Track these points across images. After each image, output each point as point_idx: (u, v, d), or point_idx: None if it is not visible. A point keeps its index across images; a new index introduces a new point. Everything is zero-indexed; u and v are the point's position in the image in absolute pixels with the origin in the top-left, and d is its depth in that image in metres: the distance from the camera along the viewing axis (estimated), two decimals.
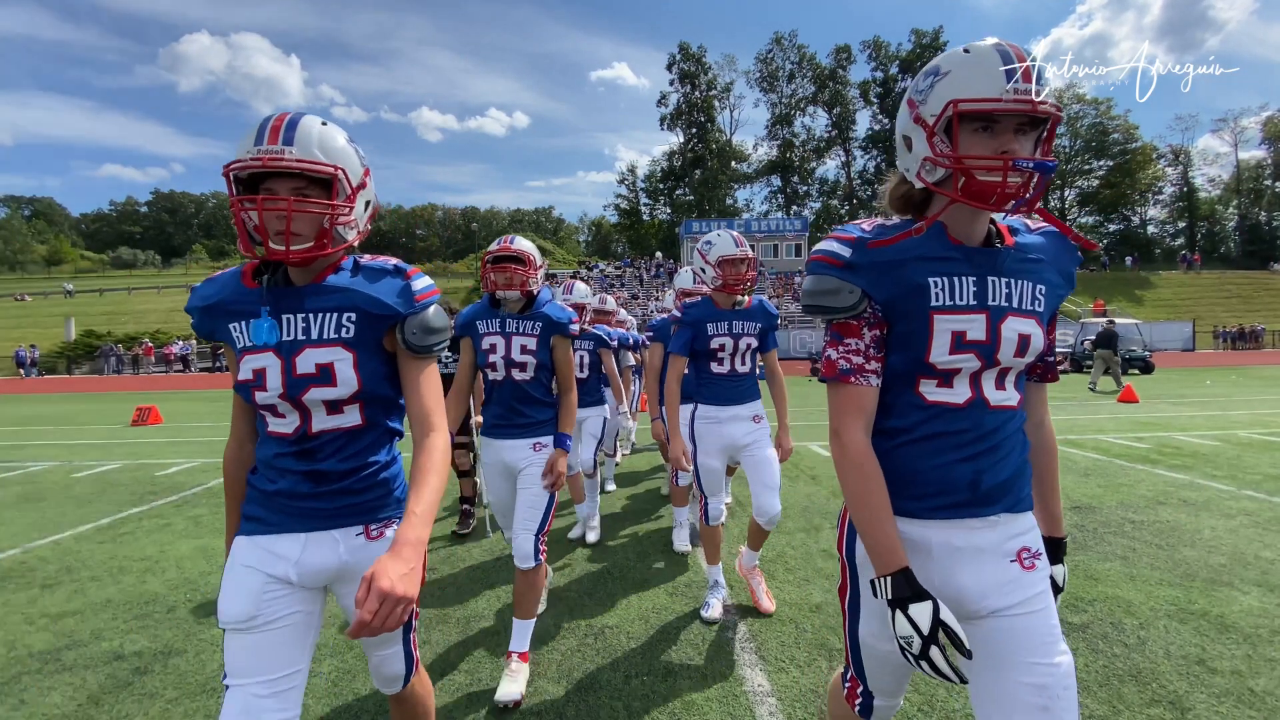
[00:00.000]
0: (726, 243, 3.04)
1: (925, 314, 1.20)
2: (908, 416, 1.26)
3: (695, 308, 3.15)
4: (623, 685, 2.62)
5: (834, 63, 63.40)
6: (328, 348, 1.38)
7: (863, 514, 1.20)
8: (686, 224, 46.40)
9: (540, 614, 3.30)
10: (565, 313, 2.80)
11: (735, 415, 3.15)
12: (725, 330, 3.10)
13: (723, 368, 3.15)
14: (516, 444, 2.78)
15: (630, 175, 70.85)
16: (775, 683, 2.61)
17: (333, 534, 1.47)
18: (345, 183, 1.35)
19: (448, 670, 2.77)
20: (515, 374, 2.75)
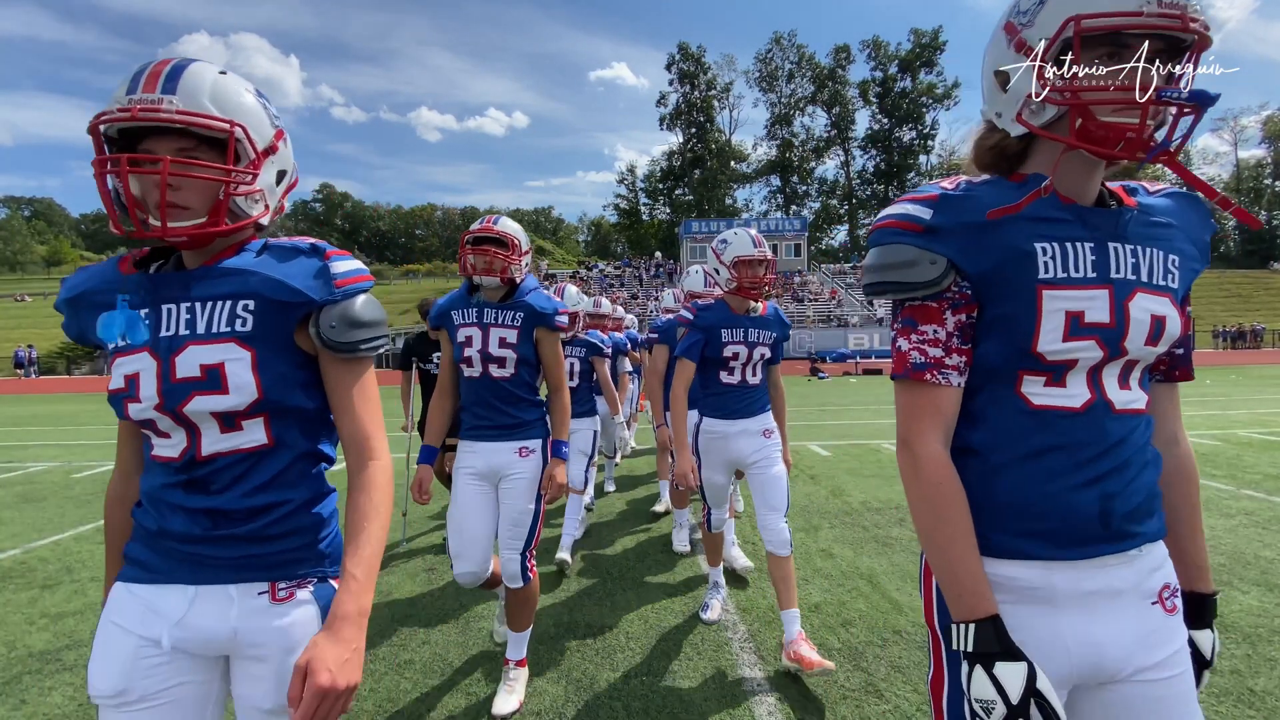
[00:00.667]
0: (744, 242, 2.82)
1: (1031, 289, 0.94)
2: (1007, 426, 0.99)
3: (709, 311, 2.89)
4: (622, 685, 2.62)
5: (833, 62, 63.45)
6: (216, 344, 1.09)
7: (940, 545, 0.96)
8: (686, 224, 46.43)
9: (539, 611, 3.31)
10: (551, 302, 2.53)
11: (744, 430, 2.91)
12: (740, 338, 2.86)
13: (733, 378, 2.91)
14: (499, 447, 2.50)
15: (630, 175, 70.97)
16: (774, 683, 2.61)
17: (228, 590, 1.13)
18: (247, 143, 1.09)
19: (446, 670, 2.77)
20: (493, 370, 2.47)
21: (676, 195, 67.02)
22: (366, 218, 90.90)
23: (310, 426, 1.21)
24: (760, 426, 2.93)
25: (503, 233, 2.46)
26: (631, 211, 70.74)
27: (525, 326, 2.48)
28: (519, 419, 2.53)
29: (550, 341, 2.54)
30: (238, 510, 1.12)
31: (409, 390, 4.58)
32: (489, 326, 2.46)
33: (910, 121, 62.38)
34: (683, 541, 4.31)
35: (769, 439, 2.92)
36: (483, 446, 2.51)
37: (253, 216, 1.12)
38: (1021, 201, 0.94)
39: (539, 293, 2.55)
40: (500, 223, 2.50)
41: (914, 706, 2.40)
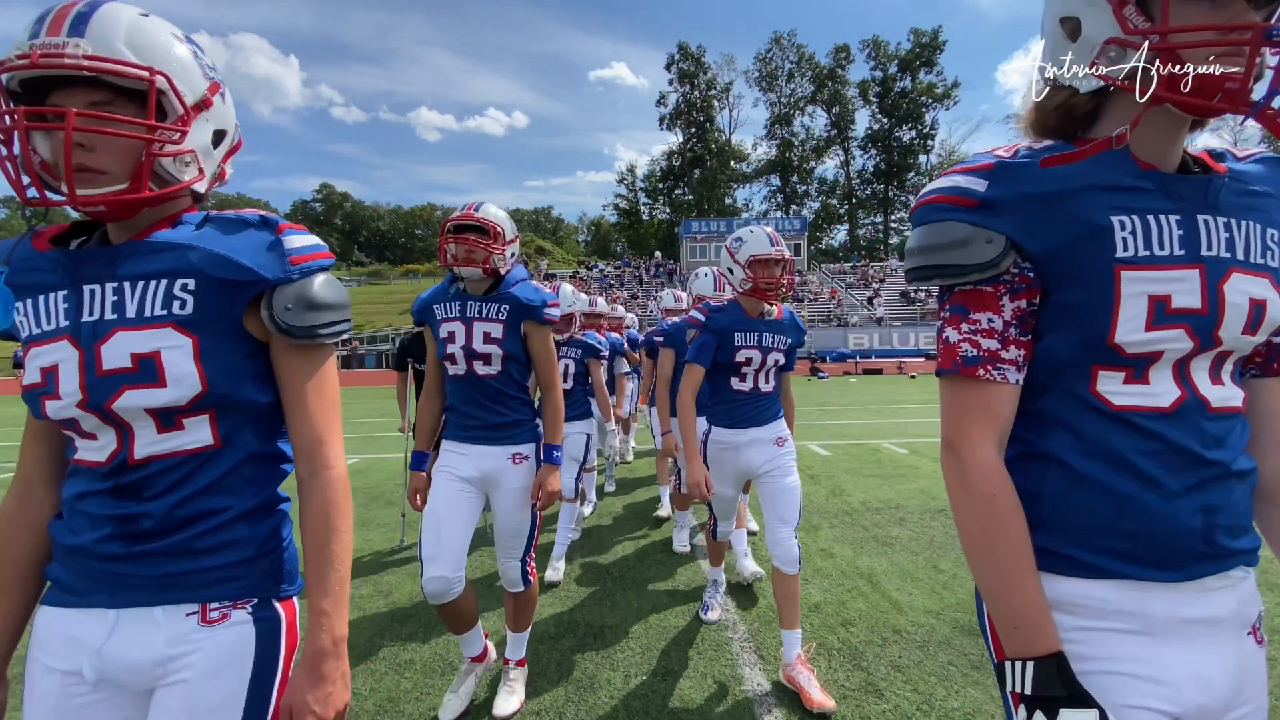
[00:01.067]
0: (760, 240, 2.66)
1: (1107, 270, 0.81)
2: (1086, 430, 0.85)
3: (722, 313, 2.71)
4: (622, 685, 2.62)
5: (833, 62, 63.39)
6: (151, 329, 0.93)
7: (993, 568, 0.84)
8: (686, 224, 46.43)
9: (544, 594, 3.32)
10: (539, 294, 2.36)
11: (755, 439, 2.73)
12: (754, 342, 2.68)
13: (745, 385, 2.72)
14: (490, 451, 2.33)
15: (629, 175, 70.94)
16: (775, 682, 2.61)
17: (153, 612, 0.97)
18: (172, 96, 0.93)
19: (446, 671, 2.77)
20: (479, 367, 2.30)
21: (676, 195, 66.98)
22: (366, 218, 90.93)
23: (265, 425, 1.06)
24: (773, 435, 2.75)
25: (484, 219, 2.28)
26: (631, 211, 70.71)
27: (512, 320, 2.30)
28: (508, 418, 2.35)
29: (540, 336, 2.37)
30: (165, 520, 0.97)
31: (405, 391, 4.53)
32: (472, 321, 2.29)
33: (910, 121, 62.32)
34: (683, 542, 4.31)
35: (782, 447, 2.75)
36: (473, 450, 2.34)
37: (183, 182, 0.97)
38: (1085, 149, 0.80)
39: (527, 284, 2.38)
40: (482, 209, 2.33)
41: (914, 706, 2.40)
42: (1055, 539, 0.86)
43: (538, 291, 2.36)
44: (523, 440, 2.38)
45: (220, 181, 1.09)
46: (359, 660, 2.85)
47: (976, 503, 0.85)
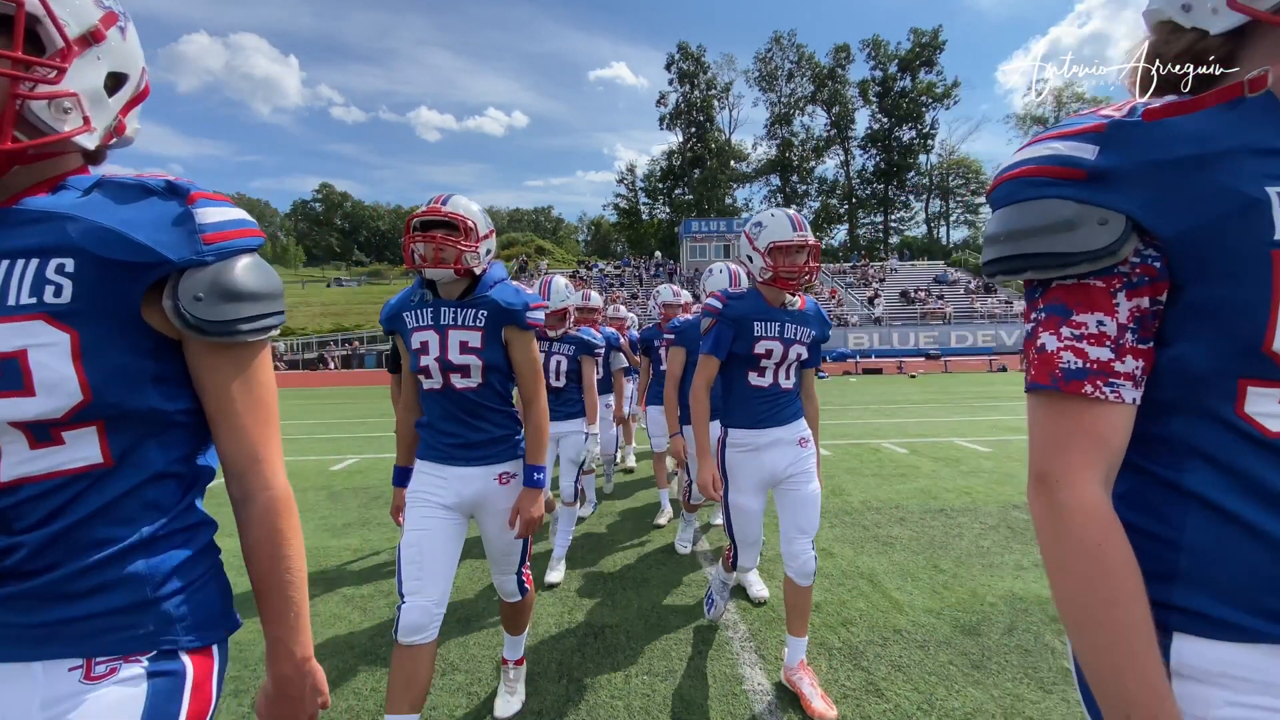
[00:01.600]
0: (781, 225, 2.41)
1: (1263, 257, 0.62)
2: (1230, 462, 0.68)
3: (740, 301, 2.49)
4: (623, 684, 2.62)
5: (833, 62, 63.43)
6: (13, 322, 0.74)
7: (1097, 637, 0.68)
8: (686, 223, 46.42)
9: (553, 581, 3.33)
10: (520, 296, 2.12)
11: (777, 440, 2.50)
12: (775, 333, 2.46)
13: (764, 380, 2.50)
14: (471, 473, 2.09)
15: (629, 175, 70.94)
16: (775, 682, 2.61)
17: (31, 668, 0.77)
18: (50, 24, 0.76)
19: (448, 670, 2.77)
20: (456, 380, 2.05)
21: (676, 195, 67.03)
22: (366, 217, 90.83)
23: (177, 437, 0.87)
24: (795, 435, 2.53)
25: (452, 214, 2.01)
26: (631, 211, 70.75)
27: (491, 327, 2.06)
28: (491, 434, 2.11)
29: (522, 343, 2.12)
30: (39, 555, 0.77)
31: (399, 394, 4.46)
32: (447, 329, 2.04)
33: (910, 121, 62.36)
34: (685, 544, 4.27)
35: (805, 448, 2.53)
36: (452, 472, 2.08)
37: (61, 133, 0.78)
38: (1205, 97, 0.65)
39: (506, 285, 2.14)
40: (450, 202, 2.06)
41: (914, 706, 2.40)
42: (1200, 596, 0.69)
43: (518, 293, 2.12)
44: (508, 458, 2.15)
45: (119, 137, 0.89)
46: (361, 660, 2.85)
47: (1077, 554, 0.68)
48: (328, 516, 5.31)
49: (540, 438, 2.14)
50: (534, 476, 2.10)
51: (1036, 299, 0.75)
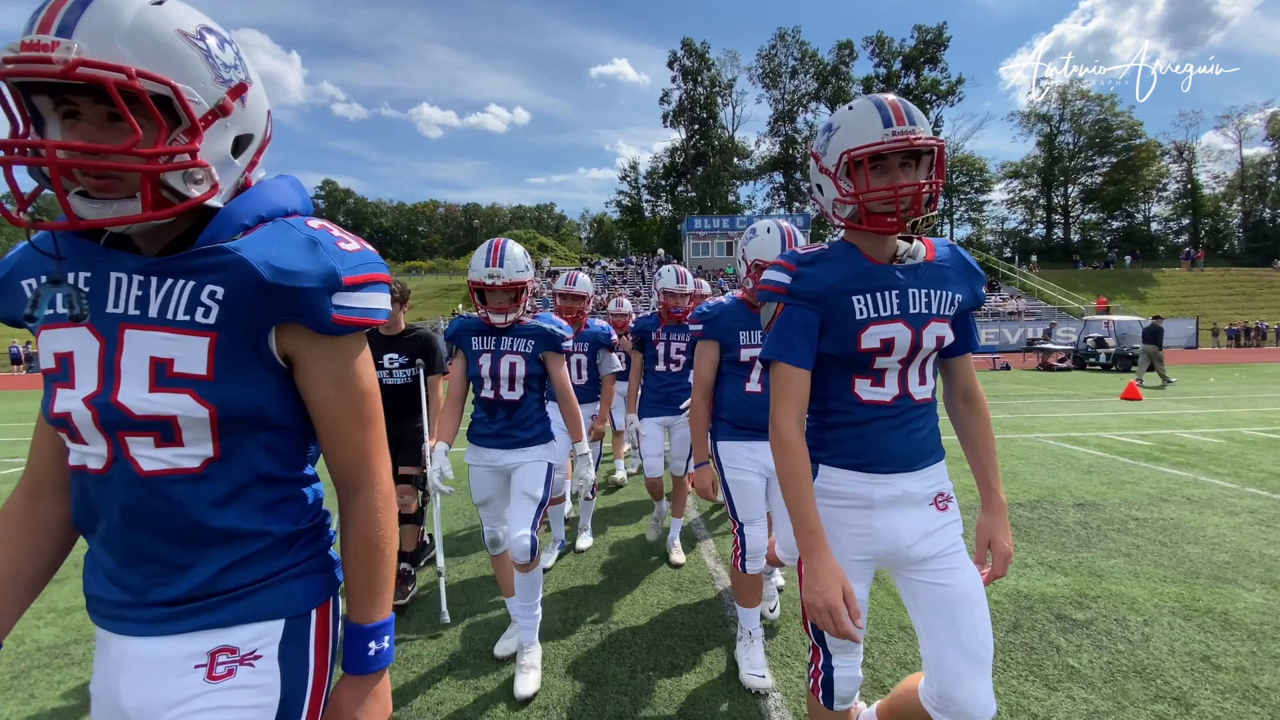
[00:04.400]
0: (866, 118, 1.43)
1: None
2: None
3: (825, 263, 1.50)
4: (629, 680, 2.63)
5: (836, 59, 63.24)
6: None
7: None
8: (689, 221, 46.35)
9: (544, 598, 3.32)
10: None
11: (904, 494, 2.13)
12: (894, 308, 1.74)
13: (883, 389, 1.73)
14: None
15: (632, 172, 70.84)
16: (780, 677, 2.62)
17: None
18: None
19: (454, 666, 2.78)
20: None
21: (679, 192, 66.92)
22: (369, 214, 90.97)
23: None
24: (930, 487, 2.07)
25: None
26: (634, 208, 70.66)
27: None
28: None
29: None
30: None
31: None
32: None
33: None
34: (679, 553, 4.03)
35: (945, 512, 1.99)
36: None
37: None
38: None
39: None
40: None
41: None
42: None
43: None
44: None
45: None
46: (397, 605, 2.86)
47: None
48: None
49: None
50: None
51: None
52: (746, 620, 2.66)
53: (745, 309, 2.62)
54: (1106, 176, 59.72)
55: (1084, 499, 5.19)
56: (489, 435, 2.73)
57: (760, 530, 2.57)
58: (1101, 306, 31.55)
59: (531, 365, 2.70)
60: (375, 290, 0.98)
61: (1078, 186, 62.13)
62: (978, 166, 63.31)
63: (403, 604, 3.36)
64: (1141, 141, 57.98)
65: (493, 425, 2.73)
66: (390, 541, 1.03)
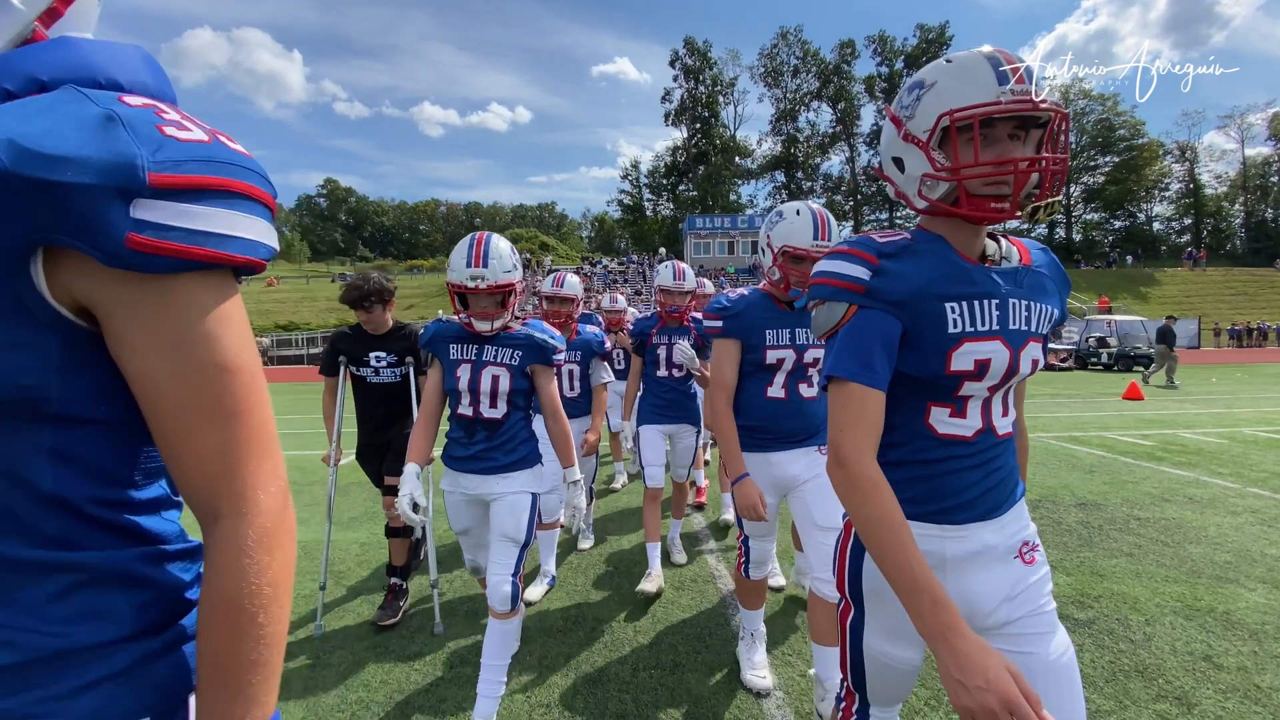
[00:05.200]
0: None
1: None
2: None
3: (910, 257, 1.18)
4: (630, 678, 2.64)
5: (838, 58, 63.20)
6: None
7: None
8: (690, 220, 46.39)
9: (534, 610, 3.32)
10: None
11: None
12: (992, 321, 1.70)
13: (964, 423, 1.55)
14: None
15: (633, 171, 70.82)
16: (781, 676, 2.62)
17: None
18: None
19: (456, 664, 2.79)
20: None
21: (680, 191, 66.93)
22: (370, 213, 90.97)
23: None
24: (1016, 541, 1.87)
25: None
26: (635, 207, 70.66)
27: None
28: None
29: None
30: None
31: (335, 404, 3.38)
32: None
33: None
34: (679, 553, 4.02)
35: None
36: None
37: None
38: None
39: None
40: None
41: (921, 701, 2.41)
42: None
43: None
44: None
45: None
46: (370, 652, 2.87)
47: None
48: (334, 510, 5.32)
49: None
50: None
51: None
52: (749, 621, 2.64)
53: (771, 304, 2.31)
54: (1109, 176, 59.62)
55: (1086, 499, 5.19)
56: (466, 458, 2.38)
57: (768, 544, 2.47)
58: (1103, 306, 31.50)
59: (517, 379, 2.37)
60: (226, 204, 0.60)
61: (1080, 186, 62.01)
62: None
63: (394, 623, 3.14)
64: (1144, 141, 57.89)
65: (470, 446, 2.37)
66: (274, 602, 0.63)
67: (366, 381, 3.29)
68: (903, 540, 1.03)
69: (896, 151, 1.20)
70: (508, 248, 2.34)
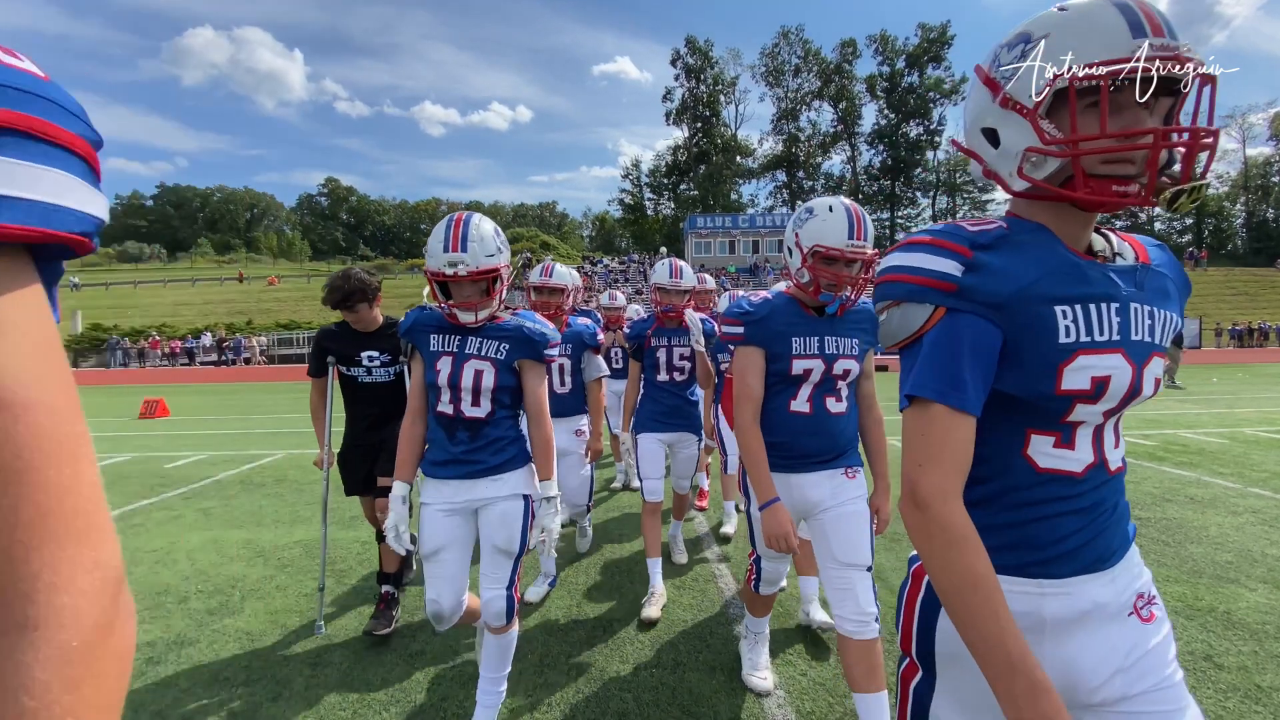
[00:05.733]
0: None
1: None
2: None
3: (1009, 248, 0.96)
4: (631, 677, 2.64)
5: (839, 57, 63.15)
6: None
7: None
8: (691, 219, 46.38)
9: (543, 598, 3.33)
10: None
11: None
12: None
13: (1068, 454, 1.24)
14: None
15: (634, 170, 70.82)
16: (782, 675, 2.63)
17: None
18: None
19: (457, 661, 2.79)
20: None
21: (681, 190, 66.92)
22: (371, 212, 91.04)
23: None
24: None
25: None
26: (636, 207, 70.67)
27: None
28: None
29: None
30: None
31: (324, 407, 3.22)
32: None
33: (917, 117, 62.09)
34: (680, 553, 3.99)
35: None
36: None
37: None
38: None
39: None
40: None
41: None
42: None
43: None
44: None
45: None
46: (371, 651, 2.88)
47: None
48: (335, 509, 5.34)
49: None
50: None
51: None
52: (754, 624, 2.60)
53: (798, 309, 2.08)
54: None
55: None
56: (447, 462, 2.15)
57: (781, 565, 2.32)
58: None
59: (503, 375, 2.16)
60: (17, 148, 0.41)
61: None
62: None
63: (388, 632, 2.98)
64: None
65: (452, 449, 2.15)
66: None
67: (358, 382, 3.12)
68: (995, 608, 0.85)
69: (989, 121, 0.98)
70: (491, 228, 2.11)
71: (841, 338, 2.07)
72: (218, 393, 18.36)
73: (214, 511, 5.35)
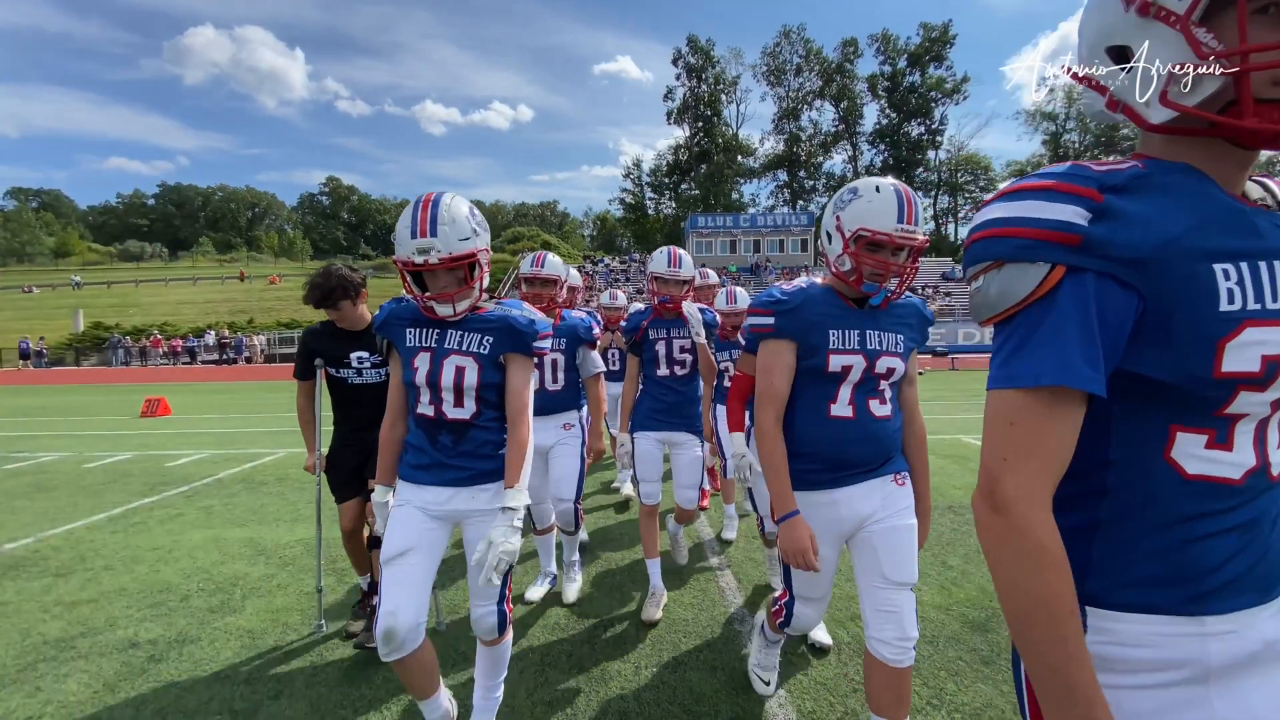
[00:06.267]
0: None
1: None
2: None
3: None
4: (633, 676, 2.64)
5: (841, 56, 63.08)
6: None
7: None
8: (692, 218, 46.34)
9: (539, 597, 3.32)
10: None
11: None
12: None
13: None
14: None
15: (635, 169, 70.80)
16: (783, 674, 2.62)
17: None
18: None
19: (458, 661, 2.78)
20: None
21: (682, 190, 66.90)
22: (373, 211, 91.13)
23: None
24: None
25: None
26: (637, 206, 70.64)
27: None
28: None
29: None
30: None
31: (312, 409, 3.07)
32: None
33: (919, 116, 62.00)
34: (682, 555, 3.85)
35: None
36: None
37: None
38: None
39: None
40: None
41: (923, 700, 2.41)
42: None
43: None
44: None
45: None
46: (372, 650, 2.87)
47: None
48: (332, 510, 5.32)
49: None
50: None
51: None
52: (774, 635, 2.42)
53: (836, 299, 1.84)
54: None
55: None
56: (429, 466, 1.98)
57: (814, 611, 2.03)
58: None
59: (487, 372, 1.97)
60: None
61: None
62: (982, 165, 63.11)
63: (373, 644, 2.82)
64: None
65: (434, 453, 1.98)
66: None
67: (348, 383, 2.96)
68: (1064, 633, 0.73)
69: (1119, 36, 0.78)
70: (465, 209, 1.89)
71: (885, 332, 1.82)
72: (219, 391, 18.37)
73: (215, 510, 5.35)
